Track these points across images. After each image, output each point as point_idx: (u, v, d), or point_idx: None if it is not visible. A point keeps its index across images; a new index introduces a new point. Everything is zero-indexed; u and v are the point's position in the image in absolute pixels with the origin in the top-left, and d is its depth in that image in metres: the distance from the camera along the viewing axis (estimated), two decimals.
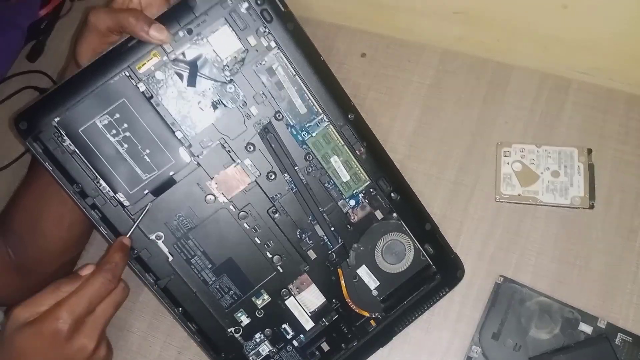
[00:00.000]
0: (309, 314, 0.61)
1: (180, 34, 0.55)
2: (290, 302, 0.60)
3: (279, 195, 0.59)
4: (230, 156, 0.58)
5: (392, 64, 0.75)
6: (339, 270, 0.60)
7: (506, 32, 0.69)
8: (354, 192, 0.60)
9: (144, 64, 0.55)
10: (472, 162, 0.69)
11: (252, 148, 0.58)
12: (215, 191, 0.58)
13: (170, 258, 0.58)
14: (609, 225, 0.64)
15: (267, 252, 0.59)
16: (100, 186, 0.56)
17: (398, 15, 0.73)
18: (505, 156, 0.68)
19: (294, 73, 0.57)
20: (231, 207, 0.58)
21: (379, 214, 0.61)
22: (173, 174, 0.57)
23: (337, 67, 0.75)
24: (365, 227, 0.61)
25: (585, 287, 0.63)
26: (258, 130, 0.58)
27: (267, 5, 0.56)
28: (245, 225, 0.59)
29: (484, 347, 0.61)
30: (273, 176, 0.58)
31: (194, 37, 0.55)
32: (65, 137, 0.55)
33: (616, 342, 0.59)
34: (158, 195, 0.57)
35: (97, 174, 0.56)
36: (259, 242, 0.59)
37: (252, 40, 0.56)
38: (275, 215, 0.59)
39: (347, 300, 0.61)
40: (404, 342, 0.64)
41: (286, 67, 0.57)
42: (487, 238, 0.66)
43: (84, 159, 0.55)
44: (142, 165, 0.56)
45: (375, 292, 0.61)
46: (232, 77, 0.57)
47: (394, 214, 0.61)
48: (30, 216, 0.63)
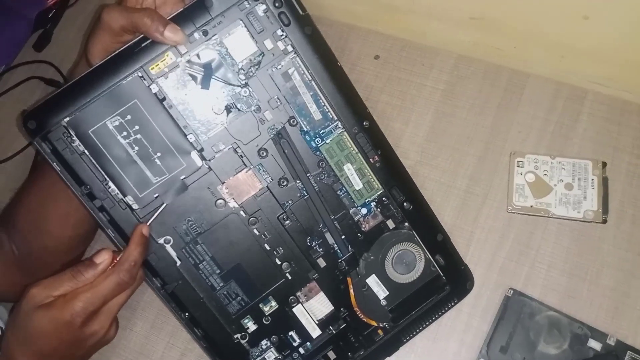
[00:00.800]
0: (316, 322, 0.60)
1: (196, 35, 0.54)
2: (297, 310, 0.60)
3: (290, 202, 0.58)
4: (242, 161, 0.57)
5: (406, 67, 0.74)
6: (348, 279, 0.60)
7: (523, 40, 0.68)
8: (366, 200, 0.59)
9: (157, 65, 0.53)
10: (485, 171, 0.68)
11: (264, 153, 0.57)
12: (226, 196, 0.57)
13: (178, 263, 0.57)
14: (621, 240, 0.64)
15: (276, 259, 0.59)
16: (109, 188, 0.55)
17: (413, 18, 0.72)
18: (519, 166, 0.67)
19: (310, 78, 0.56)
20: (241, 213, 0.57)
21: (390, 224, 0.60)
22: (184, 178, 0.56)
23: (349, 69, 0.74)
24: (376, 236, 0.60)
25: (595, 303, 0.62)
26: (271, 136, 0.57)
27: (285, 8, 0.54)
28: (255, 231, 0.58)
29: None
30: (285, 182, 0.57)
31: (210, 38, 0.54)
32: (75, 138, 0.53)
33: None
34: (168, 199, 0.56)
35: (106, 176, 0.55)
36: (268, 248, 0.58)
37: (269, 44, 0.55)
38: (285, 222, 0.58)
39: (355, 309, 0.60)
40: (411, 352, 0.63)
41: (302, 72, 0.56)
42: (497, 249, 0.65)
43: (94, 161, 0.54)
44: (152, 168, 0.55)
45: (384, 302, 0.60)
46: (247, 81, 0.55)
47: (406, 224, 0.60)
48: (35, 215, 0.61)
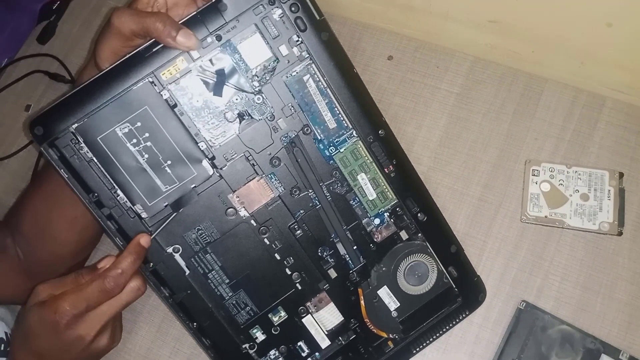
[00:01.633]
0: (326, 333, 0.59)
1: (209, 39, 0.52)
2: (307, 320, 0.59)
3: (301, 212, 0.57)
4: (254, 169, 0.55)
5: (420, 69, 0.72)
6: (359, 290, 0.59)
7: (542, 45, 0.66)
8: (380, 210, 0.58)
9: (168, 71, 0.52)
10: (499, 178, 0.67)
11: (277, 162, 0.55)
12: (237, 205, 0.55)
13: (187, 272, 0.56)
14: (637, 253, 0.62)
15: (287, 269, 0.57)
16: (117, 197, 0.53)
17: (429, 19, 0.70)
18: (534, 175, 0.65)
19: (326, 85, 0.54)
20: (252, 222, 0.56)
21: (404, 234, 0.59)
22: (194, 187, 0.54)
23: (362, 69, 0.72)
24: (389, 247, 0.59)
25: (609, 317, 0.61)
26: (284, 144, 0.55)
27: (302, 13, 0.52)
28: (265, 240, 0.57)
29: None
30: (297, 192, 0.56)
31: (223, 44, 0.52)
32: (83, 145, 0.52)
33: None
34: (178, 208, 0.54)
35: (114, 184, 0.53)
36: (278, 258, 0.57)
37: (284, 50, 0.53)
38: (297, 232, 0.57)
39: (365, 320, 0.59)
40: None
41: (318, 79, 0.54)
42: (510, 259, 0.64)
43: (102, 168, 0.53)
44: (162, 177, 0.53)
45: (395, 313, 0.59)
46: (260, 88, 0.54)
47: (420, 235, 0.59)
48: (40, 220, 0.60)
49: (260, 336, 0.58)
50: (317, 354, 0.60)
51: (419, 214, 0.58)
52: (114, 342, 0.58)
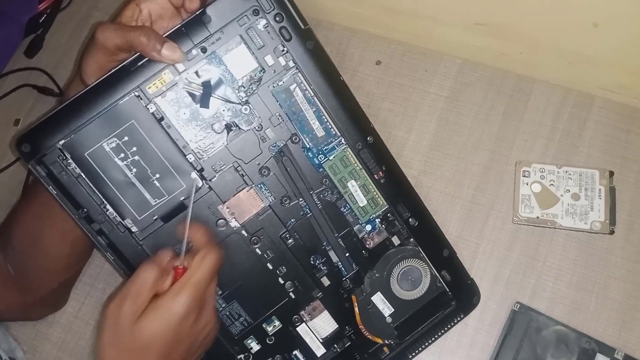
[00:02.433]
0: (321, 341, 0.59)
1: (194, 52, 0.52)
2: (301, 329, 0.59)
3: (292, 220, 0.57)
4: (244, 180, 0.55)
5: (408, 73, 0.72)
6: (353, 297, 0.59)
7: (530, 46, 0.66)
8: (371, 217, 0.58)
9: (154, 84, 0.52)
10: (490, 181, 0.67)
11: (266, 172, 0.55)
12: (227, 216, 0.55)
13: None
14: (629, 252, 0.63)
15: (279, 278, 0.57)
16: (107, 212, 0.53)
17: (416, 22, 0.70)
18: (525, 176, 0.65)
19: (313, 94, 0.54)
20: (243, 232, 0.56)
21: (395, 240, 0.59)
22: (184, 199, 0.54)
23: (350, 75, 0.72)
24: (381, 253, 0.59)
25: (603, 316, 0.61)
26: (273, 154, 0.55)
27: (286, 22, 0.52)
28: (257, 250, 0.57)
29: None
30: (287, 201, 0.56)
31: (208, 55, 0.52)
32: (71, 161, 0.52)
33: None
34: (168, 221, 0.54)
35: (103, 199, 0.53)
36: (271, 268, 0.57)
37: (270, 60, 0.53)
38: (288, 241, 0.57)
39: (360, 327, 0.59)
40: None
41: (304, 88, 0.54)
42: (503, 261, 0.64)
43: (90, 184, 0.52)
44: (151, 190, 0.53)
45: (389, 319, 0.59)
46: (247, 99, 0.54)
47: (411, 240, 0.59)
48: (31, 235, 0.60)
49: (255, 346, 0.58)
50: None
51: (410, 219, 0.58)
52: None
